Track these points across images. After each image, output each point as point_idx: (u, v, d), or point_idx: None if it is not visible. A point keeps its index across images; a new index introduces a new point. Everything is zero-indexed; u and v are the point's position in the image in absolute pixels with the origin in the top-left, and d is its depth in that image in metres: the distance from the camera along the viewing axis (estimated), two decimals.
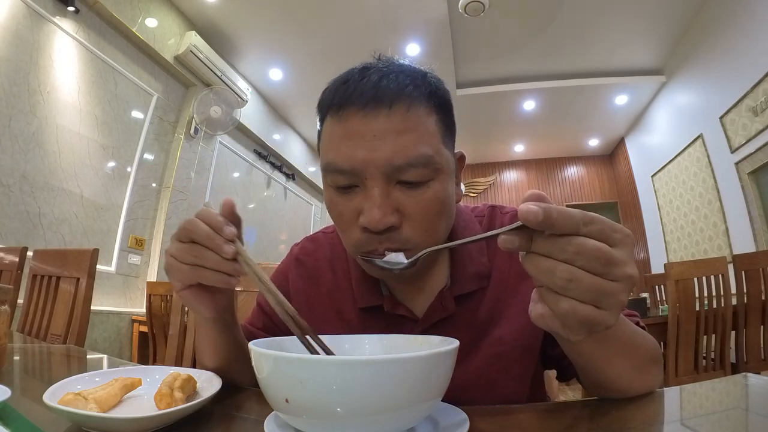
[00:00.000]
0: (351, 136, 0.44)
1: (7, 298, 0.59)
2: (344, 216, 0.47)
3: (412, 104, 0.44)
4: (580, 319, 0.29)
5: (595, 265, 0.28)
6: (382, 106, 0.43)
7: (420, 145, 0.44)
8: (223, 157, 3.99)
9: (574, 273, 0.28)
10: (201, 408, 0.38)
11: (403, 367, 0.28)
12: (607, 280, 0.28)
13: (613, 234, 0.29)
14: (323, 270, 0.61)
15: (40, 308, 1.36)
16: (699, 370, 1.91)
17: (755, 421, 0.34)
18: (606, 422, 0.36)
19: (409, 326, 0.53)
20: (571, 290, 0.28)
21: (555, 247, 0.28)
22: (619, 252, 0.29)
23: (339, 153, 0.45)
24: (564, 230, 0.28)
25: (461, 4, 3.15)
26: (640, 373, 0.41)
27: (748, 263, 1.93)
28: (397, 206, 0.45)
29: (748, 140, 2.99)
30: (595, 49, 3.86)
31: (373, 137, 0.43)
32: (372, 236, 0.45)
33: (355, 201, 0.46)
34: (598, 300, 0.29)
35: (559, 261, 0.28)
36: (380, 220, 0.43)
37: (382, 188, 0.44)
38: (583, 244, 0.28)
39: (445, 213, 0.48)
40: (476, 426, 0.34)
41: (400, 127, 0.44)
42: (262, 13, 3.32)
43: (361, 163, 0.44)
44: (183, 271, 0.41)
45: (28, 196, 2.34)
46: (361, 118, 0.44)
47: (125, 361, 0.82)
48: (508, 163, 6.26)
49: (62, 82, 2.55)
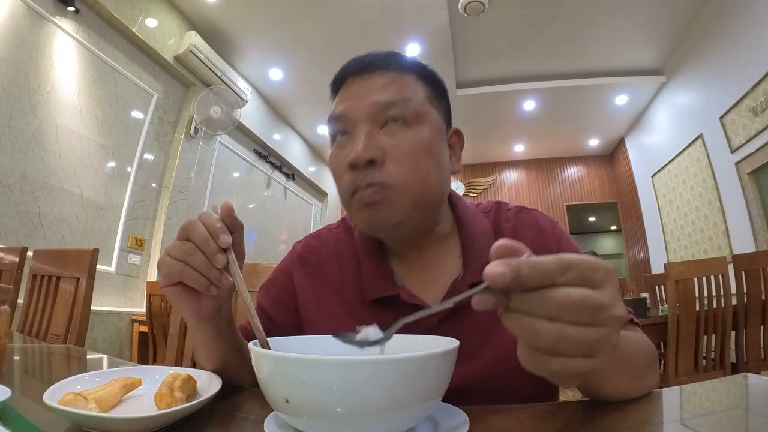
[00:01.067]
0: (346, 95, 0.54)
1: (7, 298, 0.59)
2: (339, 164, 0.52)
3: (399, 71, 0.53)
4: (573, 374, 0.27)
5: (581, 315, 0.25)
6: (373, 71, 0.53)
7: (402, 92, 0.51)
8: (223, 157, 3.99)
9: (562, 332, 0.25)
10: (201, 408, 0.38)
11: (403, 367, 0.28)
12: (596, 327, 0.26)
13: (593, 276, 0.26)
14: (329, 266, 0.61)
15: (40, 308, 1.35)
16: (699, 370, 1.91)
17: (755, 421, 0.34)
18: (606, 422, 0.36)
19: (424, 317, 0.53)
20: (561, 349, 0.26)
21: (534, 303, 0.26)
22: (604, 293, 0.26)
23: (336, 107, 0.54)
24: (539, 284, 0.26)
25: (461, 4, 3.15)
26: (638, 380, 0.42)
27: (748, 263, 1.93)
28: (380, 146, 0.49)
29: (748, 140, 3.00)
30: (595, 49, 3.86)
31: (363, 91, 0.52)
32: (357, 172, 0.49)
33: (348, 147, 0.51)
34: (589, 351, 0.26)
35: (542, 318, 0.26)
36: (360, 153, 0.48)
37: (367, 129, 0.50)
38: (566, 297, 0.25)
39: (429, 158, 0.51)
40: (476, 426, 0.34)
41: (386, 82, 0.52)
42: (262, 13, 3.32)
43: (349, 108, 0.52)
44: (170, 265, 0.41)
45: (28, 196, 2.34)
46: (356, 80, 0.53)
47: (125, 361, 0.82)
48: (508, 163, 6.26)
49: (62, 82, 2.55)
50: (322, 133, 5.30)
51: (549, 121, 5.06)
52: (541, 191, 6.08)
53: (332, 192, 6.31)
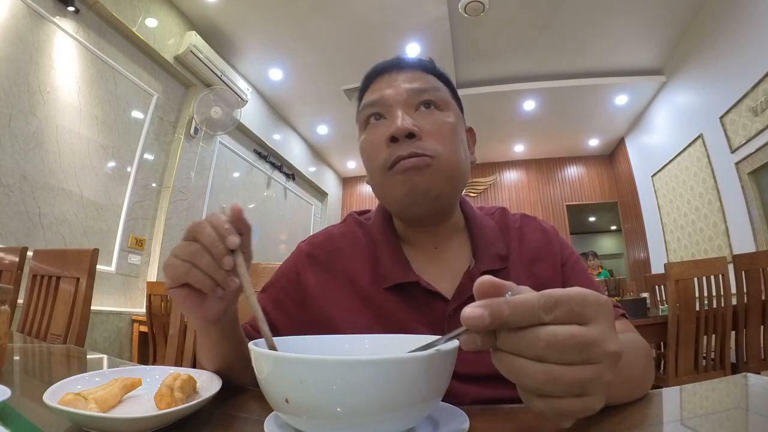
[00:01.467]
0: (382, 84, 0.59)
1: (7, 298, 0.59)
2: (374, 141, 0.56)
3: (425, 71, 0.60)
4: (563, 413, 0.26)
5: (570, 354, 0.24)
6: (405, 67, 0.59)
7: (431, 83, 0.58)
8: (223, 157, 3.99)
9: (550, 374, 0.24)
10: (201, 408, 0.38)
11: (403, 367, 0.28)
12: (588, 365, 0.24)
13: (583, 310, 0.25)
14: (339, 259, 0.61)
15: (40, 308, 1.35)
16: (699, 370, 1.91)
17: (755, 421, 0.34)
18: (606, 422, 0.36)
19: (440, 305, 0.54)
20: (549, 390, 0.25)
21: (521, 344, 0.24)
22: (596, 329, 0.25)
23: (372, 94, 0.59)
24: (523, 324, 0.24)
25: (461, 4, 3.15)
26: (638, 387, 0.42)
27: (748, 263, 1.93)
28: (416, 122, 0.54)
29: (748, 140, 3.00)
30: (595, 49, 3.86)
31: (398, 81, 0.58)
32: (398, 146, 0.53)
33: (383, 126, 0.56)
34: (581, 390, 0.25)
35: (529, 359, 0.24)
36: (402, 125, 0.52)
37: (404, 109, 0.55)
38: (553, 335, 0.24)
39: (457, 140, 0.57)
40: (476, 426, 0.34)
41: (417, 77, 0.58)
42: (262, 13, 3.32)
43: (387, 95, 0.57)
44: (176, 267, 0.40)
45: (28, 196, 2.34)
46: (389, 75, 0.59)
47: (125, 361, 0.82)
48: (508, 163, 6.26)
49: (62, 82, 2.55)
50: (322, 133, 5.30)
51: (549, 121, 5.06)
52: (541, 191, 6.08)
53: (332, 192, 6.31)
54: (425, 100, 0.56)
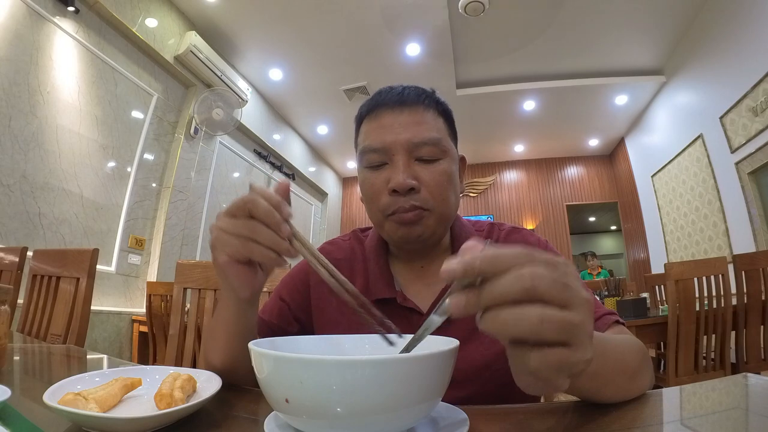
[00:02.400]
0: (382, 126, 0.59)
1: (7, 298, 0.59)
2: (375, 186, 0.59)
3: (426, 107, 0.60)
4: (556, 366, 0.26)
5: (556, 289, 0.25)
6: (405, 106, 0.60)
7: (432, 132, 0.59)
8: (223, 157, 3.99)
9: (543, 313, 0.25)
10: (201, 408, 0.38)
11: (403, 367, 0.28)
12: (572, 310, 0.26)
13: (556, 265, 0.26)
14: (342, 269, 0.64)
15: (40, 308, 1.35)
16: (699, 370, 1.91)
17: (755, 421, 0.34)
18: (606, 422, 0.36)
19: (416, 318, 0.59)
20: (543, 333, 0.25)
21: (508, 282, 0.25)
22: (567, 278, 0.26)
23: (374, 139, 0.59)
24: (497, 269, 0.26)
25: (461, 4, 3.15)
26: (636, 380, 0.42)
27: (748, 263, 1.93)
28: (416, 175, 0.57)
29: (748, 140, 3.00)
30: (594, 49, 3.86)
31: (399, 126, 0.58)
32: (398, 197, 0.57)
33: (384, 174, 0.59)
34: (568, 336, 0.26)
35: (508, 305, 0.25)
36: (404, 181, 0.56)
37: (405, 161, 0.58)
38: (535, 271, 0.25)
39: (453, 187, 0.60)
40: (476, 426, 0.34)
41: (417, 120, 0.59)
42: (262, 13, 3.32)
43: (389, 143, 0.58)
44: (234, 245, 0.41)
45: (28, 196, 2.34)
46: (390, 114, 0.60)
47: (125, 361, 0.82)
48: (508, 163, 6.26)
49: (62, 82, 2.55)
50: (322, 133, 5.30)
51: (549, 121, 5.07)
52: (541, 191, 6.08)
53: (332, 192, 6.31)
54: (426, 153, 0.58)
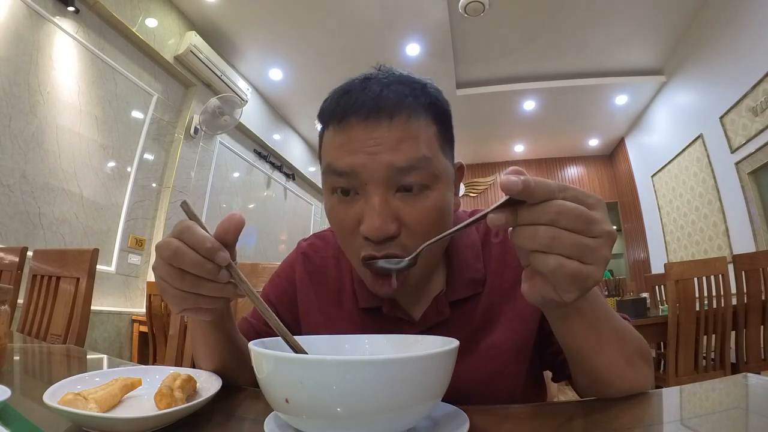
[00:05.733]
0: (353, 143, 0.45)
1: (7, 298, 0.59)
2: (345, 223, 0.47)
3: (411, 114, 0.45)
4: (569, 273, 0.31)
5: (576, 223, 0.30)
6: (383, 116, 0.44)
7: (420, 150, 0.45)
8: (223, 157, 3.99)
9: (556, 231, 0.30)
10: (201, 408, 0.38)
11: (403, 367, 0.28)
12: (588, 237, 0.31)
13: (586, 199, 0.32)
14: (329, 267, 0.62)
15: (40, 308, 1.35)
16: (699, 370, 1.91)
17: (755, 421, 0.34)
18: (605, 422, 0.36)
19: (407, 329, 0.54)
20: (556, 247, 0.30)
21: (536, 212, 0.31)
22: (595, 212, 0.31)
23: (340, 157, 0.45)
24: (543, 197, 0.31)
25: (461, 4, 3.15)
26: (630, 365, 0.42)
27: (748, 263, 1.93)
28: (396, 214, 0.45)
29: (748, 140, 3.00)
30: (595, 49, 3.86)
31: (375, 144, 0.44)
32: (370, 243, 0.45)
33: (355, 208, 0.46)
34: (582, 255, 0.31)
35: (542, 224, 0.30)
36: (380, 228, 0.43)
37: (382, 195, 0.44)
38: (562, 204, 0.30)
39: (444, 222, 0.48)
40: (476, 426, 0.34)
41: (400, 135, 0.44)
42: (262, 13, 3.32)
43: (361, 166, 0.44)
44: (182, 298, 0.39)
45: (28, 196, 2.34)
46: (363, 128, 0.44)
47: (125, 361, 0.82)
48: (508, 163, 6.26)
49: (62, 82, 2.55)
50: None
51: (549, 121, 5.06)
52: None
53: None
54: (410, 182, 0.44)
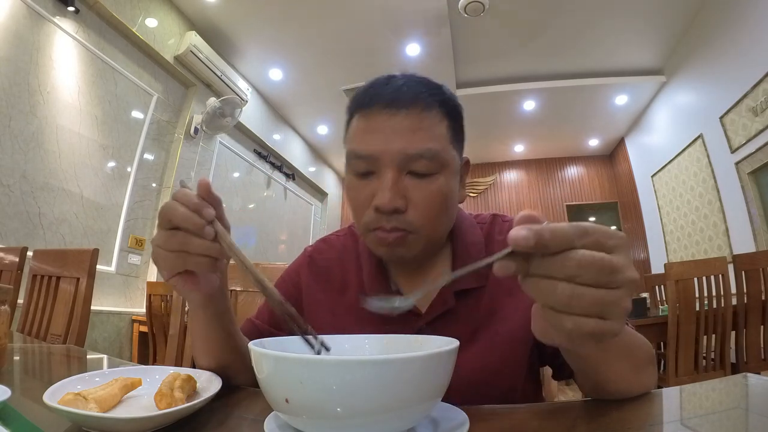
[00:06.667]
0: (373, 130, 0.52)
1: (7, 298, 0.59)
2: (359, 198, 0.54)
3: (425, 108, 0.52)
4: (587, 334, 0.28)
5: (598, 276, 0.27)
6: (401, 106, 0.51)
7: (430, 141, 0.51)
8: (223, 157, 3.99)
9: (574, 289, 0.27)
10: (201, 408, 0.38)
11: (403, 367, 0.28)
12: (610, 289, 0.27)
13: (608, 241, 0.28)
14: (334, 268, 0.66)
15: (40, 308, 1.35)
16: (699, 370, 1.91)
17: (755, 421, 0.34)
18: (606, 422, 0.36)
19: (413, 319, 0.57)
20: (575, 307, 0.27)
21: (554, 266, 0.27)
22: (618, 258, 0.28)
23: (361, 142, 0.53)
24: (559, 248, 0.27)
25: (461, 4, 3.15)
26: (638, 373, 0.42)
27: (748, 263, 1.93)
28: (405, 192, 0.51)
29: (748, 140, 2.99)
30: (595, 49, 3.86)
31: (391, 131, 0.51)
32: (381, 215, 0.51)
33: (370, 186, 0.53)
34: (602, 311, 0.28)
35: (560, 279, 0.27)
36: (389, 201, 0.50)
37: (394, 175, 0.51)
38: (582, 258, 0.27)
39: (447, 207, 0.54)
40: (476, 426, 0.34)
41: (414, 126, 0.51)
42: (262, 14, 3.32)
43: (378, 153, 0.51)
44: (169, 258, 0.41)
45: (28, 196, 2.34)
46: (383, 114, 0.52)
47: (125, 361, 0.82)
48: (508, 163, 6.26)
49: (62, 82, 2.55)
50: (322, 133, 5.30)
51: (549, 121, 5.06)
52: (541, 191, 6.07)
53: (332, 192, 6.31)
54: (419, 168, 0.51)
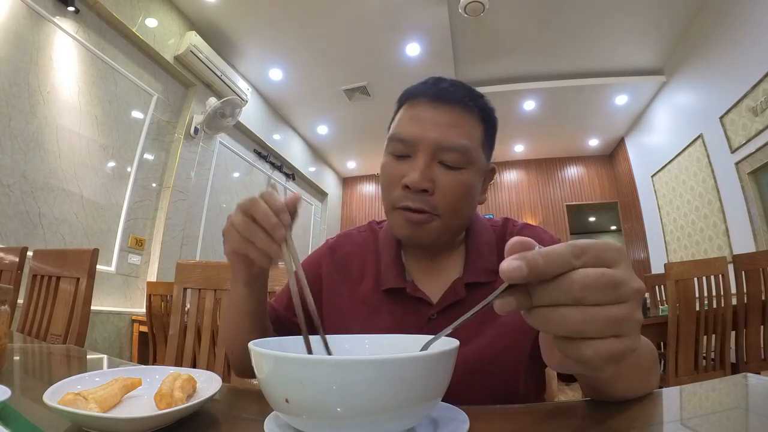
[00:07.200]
0: (416, 118, 0.58)
1: (7, 298, 0.59)
2: (392, 176, 0.59)
3: (465, 109, 0.58)
4: (606, 357, 0.26)
5: (604, 294, 0.25)
6: (444, 103, 0.58)
7: (464, 138, 0.57)
8: (223, 157, 3.99)
9: (585, 313, 0.25)
10: (201, 408, 0.38)
11: (403, 367, 0.28)
12: (619, 303, 0.26)
13: (606, 255, 0.27)
14: (353, 260, 0.69)
15: (40, 308, 1.35)
16: (699, 370, 1.91)
17: (755, 421, 0.34)
18: (606, 422, 0.36)
19: (425, 308, 0.60)
20: (589, 332, 0.26)
21: (557, 292, 0.25)
22: (620, 270, 0.26)
23: (404, 128, 0.59)
24: (556, 272, 0.26)
25: (461, 4, 3.15)
26: (647, 378, 0.42)
27: (748, 263, 1.93)
28: (433, 177, 0.56)
29: (748, 140, 2.99)
30: (595, 49, 3.86)
31: (431, 122, 0.57)
32: (408, 194, 0.56)
33: (403, 167, 0.58)
34: (617, 329, 0.26)
35: (566, 305, 0.26)
36: (419, 180, 0.55)
37: (427, 161, 0.56)
38: (585, 277, 0.25)
39: (468, 199, 0.59)
40: (476, 426, 0.34)
41: (452, 121, 0.57)
42: (262, 14, 3.32)
43: (416, 138, 0.57)
44: (236, 240, 0.46)
45: (28, 196, 2.34)
46: (427, 107, 0.58)
47: (125, 361, 0.82)
48: (508, 163, 6.26)
49: (62, 82, 2.55)
50: (322, 133, 5.30)
51: (549, 121, 5.06)
52: (541, 191, 6.07)
53: (332, 192, 6.31)
54: (449, 159, 0.57)
